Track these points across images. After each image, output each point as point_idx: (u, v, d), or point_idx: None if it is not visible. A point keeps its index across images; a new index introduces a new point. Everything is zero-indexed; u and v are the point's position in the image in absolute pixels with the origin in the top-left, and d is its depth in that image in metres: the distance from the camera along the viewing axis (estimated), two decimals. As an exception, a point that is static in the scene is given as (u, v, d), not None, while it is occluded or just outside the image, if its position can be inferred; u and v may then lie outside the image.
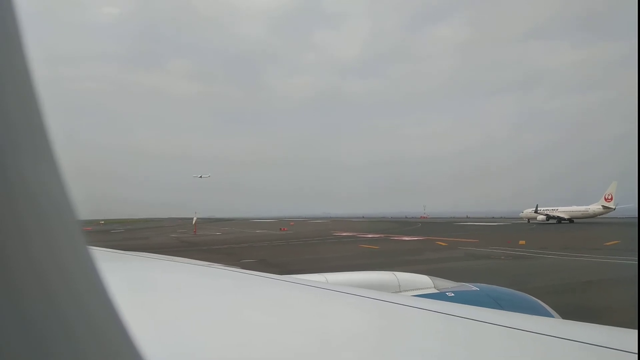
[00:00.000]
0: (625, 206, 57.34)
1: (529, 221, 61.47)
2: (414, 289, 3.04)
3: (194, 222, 56.04)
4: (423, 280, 3.18)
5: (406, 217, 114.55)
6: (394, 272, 3.22)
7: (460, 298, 2.92)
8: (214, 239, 39.00)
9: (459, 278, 3.56)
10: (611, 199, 56.85)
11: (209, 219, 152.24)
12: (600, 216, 58.55)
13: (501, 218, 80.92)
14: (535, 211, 60.95)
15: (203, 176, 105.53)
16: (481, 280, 3.76)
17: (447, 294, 3.04)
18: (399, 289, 3.02)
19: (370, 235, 38.24)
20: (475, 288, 3.22)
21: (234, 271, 2.76)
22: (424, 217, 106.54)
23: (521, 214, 65.97)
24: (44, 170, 0.34)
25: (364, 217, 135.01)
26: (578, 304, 9.93)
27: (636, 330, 1.15)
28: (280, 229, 55.01)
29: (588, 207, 59.57)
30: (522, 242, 25.70)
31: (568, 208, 61.10)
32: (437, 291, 3.08)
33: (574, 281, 13.31)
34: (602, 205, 57.56)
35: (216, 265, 3.46)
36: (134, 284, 2.12)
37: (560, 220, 58.37)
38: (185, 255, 4.36)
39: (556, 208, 61.38)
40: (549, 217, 59.28)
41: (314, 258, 21.45)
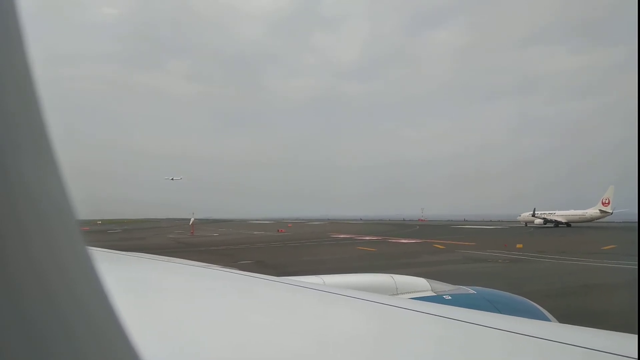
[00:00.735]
0: (622, 210, 57.61)
1: (526, 225, 61.51)
2: (411, 292, 3.04)
3: (192, 223, 55.96)
4: (420, 283, 3.18)
5: (404, 220, 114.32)
6: (391, 275, 3.21)
7: (457, 301, 2.91)
8: (211, 240, 38.94)
9: (456, 281, 3.55)
10: (608, 203, 57.06)
11: (207, 219, 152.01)
12: (598, 220, 58.78)
13: (499, 221, 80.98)
14: (533, 215, 60.98)
15: (175, 178, 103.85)
16: (478, 283, 3.76)
17: (445, 296, 3.04)
18: (396, 291, 3.02)
19: (368, 238, 38.24)
20: (472, 291, 3.22)
21: (231, 272, 2.75)
22: (422, 220, 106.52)
23: (518, 218, 66.00)
24: (43, 170, 0.34)
25: (362, 220, 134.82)
26: (574, 307, 9.95)
27: (636, 335, 1.15)
28: (278, 230, 54.99)
29: (585, 211, 59.73)
30: (520, 246, 25.74)
31: (565, 212, 61.22)
32: (435, 294, 3.08)
33: (570, 285, 13.33)
34: (600, 210, 57.75)
35: (213, 266, 3.45)
36: (132, 285, 2.11)
37: (557, 224, 58.48)
38: (182, 256, 4.34)
39: (553, 212, 61.50)
40: (546, 221, 59.38)
41: (311, 260, 21.44)
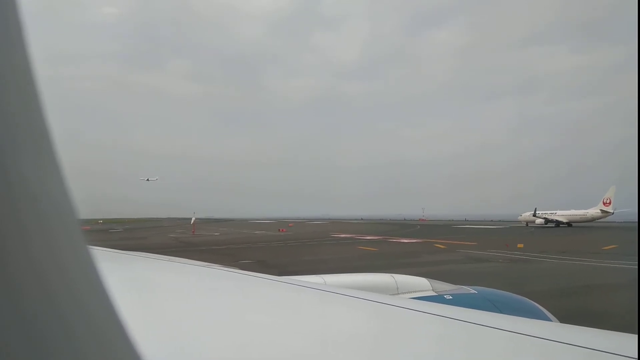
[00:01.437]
0: (623, 210, 57.45)
1: (527, 225, 61.41)
2: (411, 292, 3.04)
3: (193, 223, 56.01)
4: (421, 283, 3.18)
5: (405, 220, 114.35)
6: (392, 274, 3.21)
7: (458, 301, 2.91)
8: (213, 239, 38.95)
9: (457, 281, 3.55)
10: (609, 203, 56.97)
11: (208, 219, 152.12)
12: (599, 220, 58.69)
13: (500, 221, 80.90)
14: (534, 215, 60.91)
15: (150, 179, 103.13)
16: (479, 283, 3.76)
17: (445, 296, 3.03)
18: (396, 291, 3.02)
19: (369, 237, 38.22)
20: (473, 291, 3.21)
21: (232, 272, 2.75)
22: (423, 220, 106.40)
23: (519, 218, 65.91)
24: (44, 169, 0.34)
25: (362, 219, 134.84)
26: (575, 307, 9.94)
27: (636, 335, 1.15)
28: (279, 230, 54.92)
29: (586, 211, 59.65)
30: (520, 245, 25.71)
31: (566, 212, 61.13)
32: (435, 294, 3.07)
33: (571, 285, 13.31)
34: (601, 210, 57.66)
35: (214, 265, 3.46)
36: (133, 284, 2.12)
37: (558, 224, 58.42)
38: (183, 255, 4.35)
39: (554, 212, 61.43)
40: (547, 221, 59.32)
41: (312, 260, 21.42)
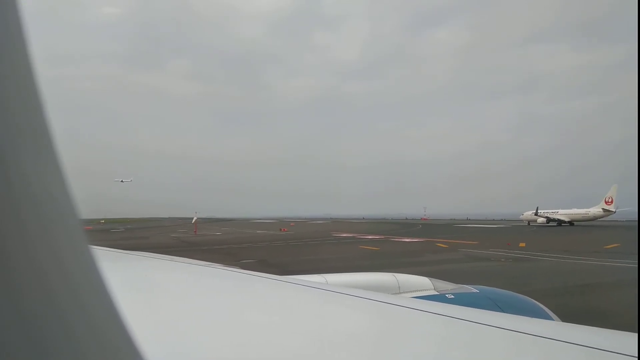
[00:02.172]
0: (625, 209, 57.29)
1: (529, 224, 61.28)
2: (413, 291, 3.04)
3: (194, 222, 56.11)
4: (423, 282, 3.18)
5: (406, 219, 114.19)
6: (394, 274, 3.21)
7: (460, 300, 2.91)
8: (214, 239, 39.01)
9: (459, 280, 3.55)
10: (611, 202, 56.76)
11: (209, 219, 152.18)
12: (601, 219, 58.47)
13: (501, 220, 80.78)
14: (536, 214, 60.76)
15: (124, 180, 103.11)
16: (481, 282, 3.76)
17: (447, 295, 3.03)
18: (398, 290, 3.02)
19: (370, 237, 38.22)
20: (475, 290, 3.21)
21: (233, 271, 2.76)
22: (425, 219, 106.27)
23: (521, 217, 65.76)
24: (45, 169, 0.34)
25: (364, 219, 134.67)
26: (577, 306, 9.92)
27: (636, 334, 1.15)
28: (281, 229, 54.97)
29: (588, 210, 59.44)
30: (522, 244, 25.69)
31: (568, 211, 60.93)
32: (437, 293, 3.07)
33: (573, 284, 13.29)
34: (603, 208, 57.45)
35: (216, 265, 3.46)
36: (135, 284, 2.12)
37: (560, 223, 58.25)
38: (186, 255, 4.36)
39: (556, 211, 61.23)
40: (549, 220, 59.14)
41: (313, 259, 21.44)
